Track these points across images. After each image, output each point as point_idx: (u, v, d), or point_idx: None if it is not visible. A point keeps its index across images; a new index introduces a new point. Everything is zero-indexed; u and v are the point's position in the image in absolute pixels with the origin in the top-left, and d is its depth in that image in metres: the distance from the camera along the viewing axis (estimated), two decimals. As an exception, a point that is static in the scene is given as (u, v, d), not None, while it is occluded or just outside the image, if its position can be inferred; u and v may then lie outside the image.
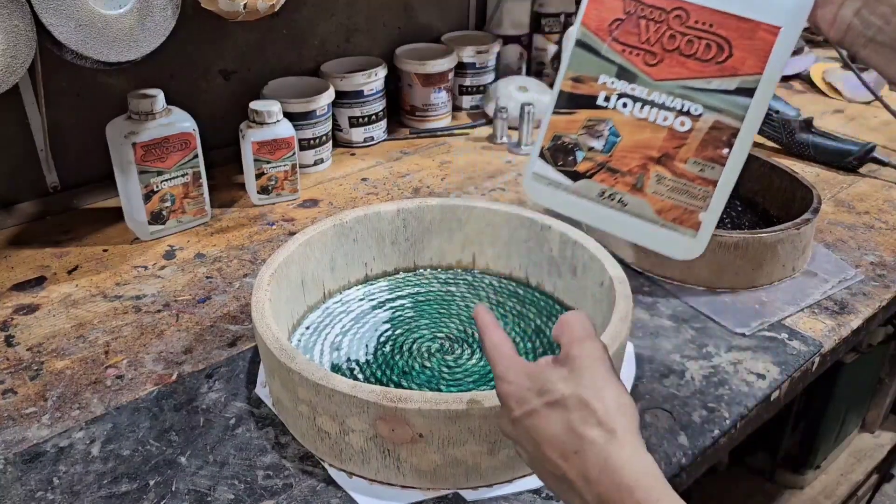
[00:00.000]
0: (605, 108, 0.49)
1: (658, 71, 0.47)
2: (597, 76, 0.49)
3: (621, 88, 0.49)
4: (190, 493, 0.54)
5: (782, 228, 0.76)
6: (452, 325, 0.71)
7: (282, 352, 0.55)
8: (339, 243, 0.73)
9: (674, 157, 0.48)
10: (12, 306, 0.76)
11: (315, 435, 0.56)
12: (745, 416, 0.62)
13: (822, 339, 0.71)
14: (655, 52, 0.47)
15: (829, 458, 1.37)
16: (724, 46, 0.46)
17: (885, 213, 0.94)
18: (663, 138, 0.48)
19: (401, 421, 0.51)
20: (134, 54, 0.78)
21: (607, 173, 0.50)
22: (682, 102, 0.47)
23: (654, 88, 0.48)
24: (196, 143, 0.86)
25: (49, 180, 0.93)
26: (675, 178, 0.48)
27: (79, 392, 0.64)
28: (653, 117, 0.48)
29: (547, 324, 0.71)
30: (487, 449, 0.52)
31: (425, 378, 0.65)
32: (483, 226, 0.76)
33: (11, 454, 0.58)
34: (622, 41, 0.48)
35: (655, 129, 0.48)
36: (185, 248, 0.86)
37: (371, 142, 1.14)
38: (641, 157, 0.49)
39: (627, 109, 0.49)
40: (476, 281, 0.77)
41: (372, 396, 0.51)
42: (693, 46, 0.46)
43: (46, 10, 0.70)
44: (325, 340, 0.69)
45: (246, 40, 1.04)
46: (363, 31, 1.17)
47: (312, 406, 0.54)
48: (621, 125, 0.49)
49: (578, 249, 0.69)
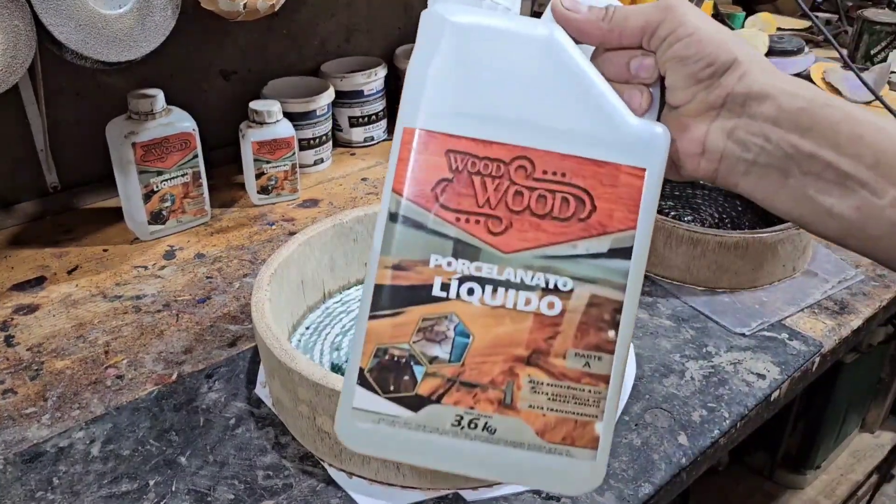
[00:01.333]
0: (445, 300, 0.35)
1: (507, 240, 0.35)
2: (426, 258, 0.35)
3: (463, 270, 0.35)
4: (190, 493, 0.54)
5: (782, 228, 0.76)
6: None
7: (282, 352, 0.55)
8: (339, 243, 0.73)
9: (548, 352, 0.35)
10: (12, 306, 0.76)
11: (315, 435, 0.56)
12: (745, 416, 0.62)
13: (822, 339, 0.71)
14: (500, 216, 0.36)
15: (829, 458, 1.37)
16: (583, 199, 0.36)
17: (885, 213, 0.94)
18: (529, 329, 0.35)
19: None
20: (134, 54, 0.78)
21: (462, 391, 0.35)
22: (544, 277, 0.35)
23: (505, 264, 0.35)
24: (196, 142, 0.86)
25: (49, 180, 0.93)
26: (555, 382, 0.35)
27: (79, 392, 0.64)
28: (511, 303, 0.35)
29: None
30: None
31: None
32: None
33: (11, 454, 0.58)
34: (454, 207, 0.35)
35: (517, 318, 0.35)
36: (184, 248, 0.86)
37: (371, 142, 1.14)
38: (505, 360, 0.35)
39: (475, 297, 0.35)
40: None
41: None
42: (546, 203, 0.36)
43: (46, 9, 0.70)
44: (325, 340, 0.69)
45: (246, 40, 1.04)
46: (363, 31, 1.17)
47: (312, 406, 0.54)
48: (470, 320, 0.35)
49: None
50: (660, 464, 0.57)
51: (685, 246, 0.76)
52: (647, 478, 0.56)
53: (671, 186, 0.96)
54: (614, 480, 0.55)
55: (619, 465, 0.57)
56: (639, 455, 0.58)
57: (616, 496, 0.54)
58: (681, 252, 0.76)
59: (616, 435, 0.59)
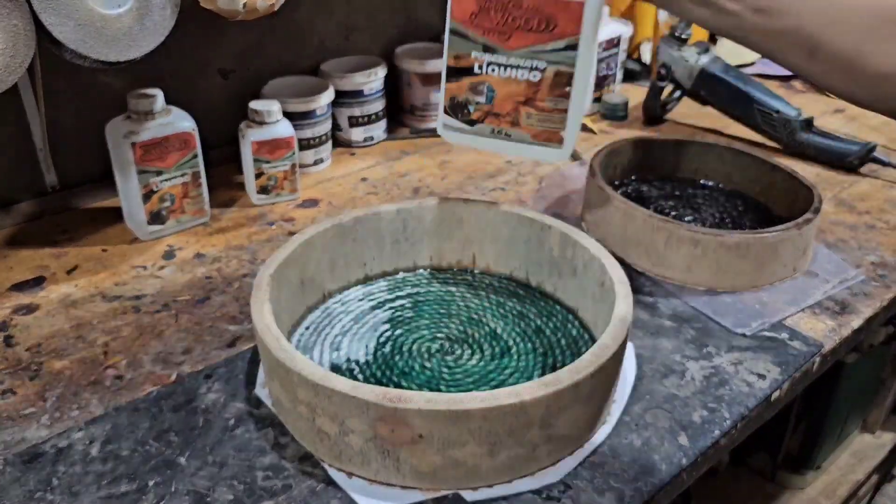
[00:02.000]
0: (481, 74, 0.68)
1: (510, 43, 0.66)
2: (469, 52, 0.68)
3: (488, 59, 0.67)
4: (189, 494, 0.54)
5: (783, 228, 0.76)
6: (453, 326, 0.71)
7: (281, 352, 0.54)
8: (339, 243, 0.72)
9: (534, 99, 0.68)
10: (11, 306, 0.76)
11: (315, 436, 0.56)
12: (746, 417, 0.62)
13: (823, 340, 0.70)
14: (505, 31, 0.65)
15: (829, 459, 1.37)
16: (550, 20, 0.64)
17: (886, 213, 0.94)
18: (524, 88, 0.68)
19: (401, 422, 0.50)
20: (133, 54, 0.77)
21: (493, 117, 0.70)
22: (531, 62, 0.66)
23: (510, 55, 0.66)
24: (195, 142, 0.86)
25: (48, 180, 0.93)
26: (539, 113, 0.69)
27: (78, 392, 0.64)
28: (514, 75, 0.67)
29: (547, 324, 0.71)
30: (488, 450, 0.52)
31: (425, 378, 0.64)
32: (483, 225, 0.75)
33: (10, 455, 0.57)
34: (481, 26, 0.66)
35: (518, 83, 0.67)
36: (184, 248, 0.86)
37: (371, 141, 1.14)
38: (513, 103, 0.69)
39: (496, 73, 0.68)
40: (476, 281, 0.77)
41: (372, 397, 0.50)
42: (530, 23, 0.64)
43: (45, 9, 0.70)
44: (325, 340, 0.69)
45: (245, 40, 1.04)
46: (363, 30, 1.17)
47: (312, 407, 0.54)
48: (495, 83, 0.68)
49: (579, 250, 0.69)
50: (660, 464, 0.57)
51: (686, 246, 0.76)
52: (648, 478, 0.55)
53: (672, 186, 0.96)
54: (614, 481, 0.55)
55: (620, 466, 0.56)
56: (639, 455, 0.57)
57: (616, 496, 0.54)
58: (681, 252, 0.76)
59: (616, 435, 0.59)
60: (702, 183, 0.97)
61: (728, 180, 0.96)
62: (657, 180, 0.98)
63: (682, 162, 0.98)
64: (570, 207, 0.93)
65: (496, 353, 0.67)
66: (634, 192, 0.95)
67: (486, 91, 0.69)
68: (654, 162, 0.98)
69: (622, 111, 1.24)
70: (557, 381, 0.52)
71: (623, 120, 1.24)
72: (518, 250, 0.75)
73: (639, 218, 0.78)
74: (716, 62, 1.12)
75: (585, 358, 0.54)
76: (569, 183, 0.99)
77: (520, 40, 0.65)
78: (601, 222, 0.83)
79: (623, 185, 0.96)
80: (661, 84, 1.18)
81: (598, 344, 0.56)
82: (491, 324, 0.71)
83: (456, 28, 0.67)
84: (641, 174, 0.98)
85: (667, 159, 0.98)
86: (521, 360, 0.66)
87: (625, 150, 0.95)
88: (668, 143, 0.97)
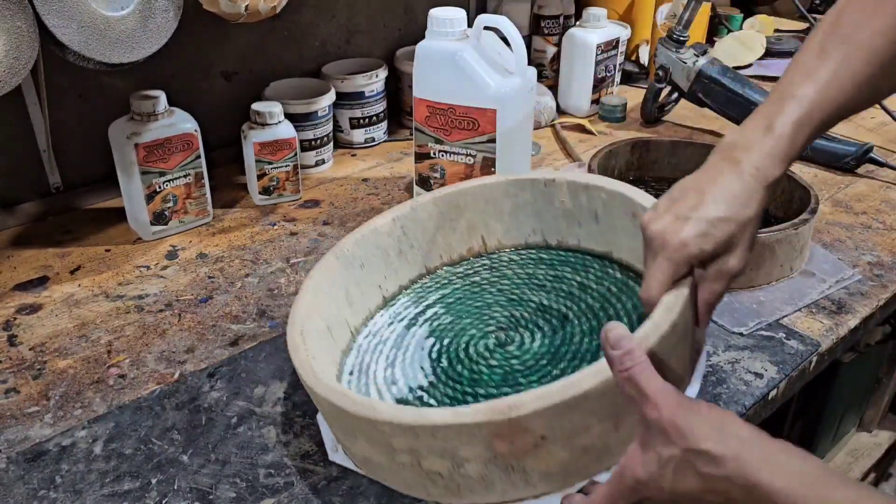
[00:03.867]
0: (435, 158, 0.90)
1: (451, 137, 0.88)
2: (427, 143, 0.90)
3: (438, 147, 0.89)
4: (192, 492, 0.54)
5: (780, 228, 0.76)
6: (497, 314, 0.66)
7: (358, 406, 0.48)
8: (348, 274, 0.67)
9: (471, 176, 0.88)
10: (15, 306, 0.76)
11: (424, 480, 0.50)
12: (743, 415, 0.63)
13: (819, 339, 0.71)
14: (447, 129, 0.87)
15: (826, 457, 1.38)
16: (475, 122, 0.85)
17: (882, 214, 0.94)
18: (464, 168, 0.89)
19: (519, 430, 0.45)
20: (136, 56, 0.78)
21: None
22: (465, 150, 0.88)
23: (452, 145, 0.88)
24: (198, 143, 0.87)
25: (51, 181, 0.93)
26: None
27: (81, 391, 0.65)
28: (456, 159, 0.89)
29: (587, 277, 0.67)
30: (613, 424, 0.47)
31: (499, 378, 0.59)
32: (483, 204, 0.72)
33: (14, 453, 0.58)
34: (432, 125, 0.88)
35: (459, 165, 0.89)
36: (187, 248, 0.87)
37: (372, 143, 1.15)
38: (458, 179, 0.89)
39: (444, 157, 0.89)
40: (495, 262, 0.73)
41: (481, 416, 0.45)
42: (462, 124, 0.86)
43: (49, 11, 0.71)
44: (377, 379, 0.62)
45: (247, 42, 1.05)
46: (364, 33, 1.18)
47: (414, 451, 0.48)
48: (445, 165, 0.90)
49: (593, 192, 0.65)
50: (658, 462, 0.57)
51: (683, 246, 0.76)
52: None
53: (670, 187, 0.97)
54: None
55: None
56: (637, 453, 0.58)
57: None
58: (679, 252, 0.76)
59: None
60: (700, 184, 0.98)
61: (726, 181, 0.96)
62: (655, 181, 0.98)
63: (679, 163, 0.98)
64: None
65: (556, 326, 0.63)
66: (633, 192, 0.95)
67: (440, 170, 0.90)
68: (652, 163, 0.98)
69: (620, 112, 1.25)
70: (656, 327, 0.47)
71: (621, 121, 1.25)
72: (526, 216, 0.72)
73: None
74: (713, 64, 1.13)
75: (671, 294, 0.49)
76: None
77: (456, 135, 0.87)
78: (600, 223, 0.84)
79: (622, 186, 0.97)
80: (658, 86, 1.18)
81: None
82: (534, 298, 0.67)
83: (418, 126, 0.89)
84: (639, 175, 0.99)
85: (664, 160, 0.98)
86: (583, 322, 0.62)
87: (623, 151, 0.96)
88: (665, 145, 0.98)
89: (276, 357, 0.68)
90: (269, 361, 0.68)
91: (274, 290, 0.79)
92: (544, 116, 1.21)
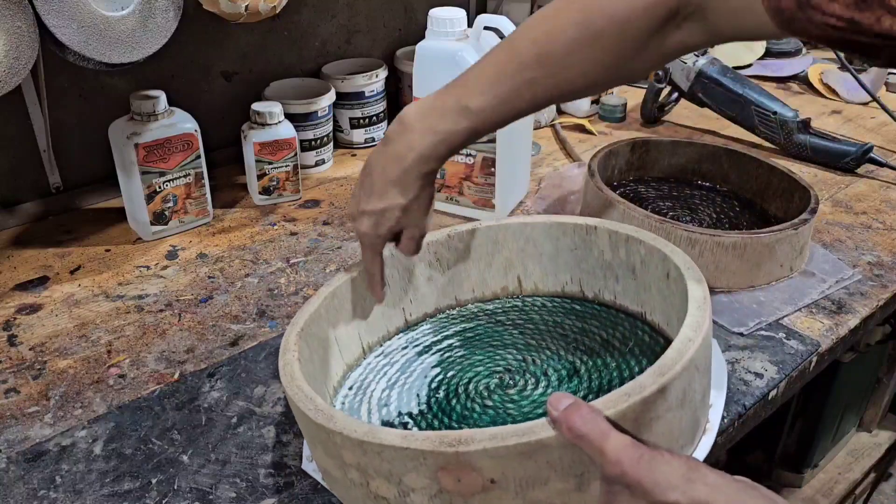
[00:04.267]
0: None
1: None
2: None
3: None
4: (192, 492, 0.54)
5: (780, 228, 0.76)
6: (509, 356, 0.63)
7: (317, 412, 0.47)
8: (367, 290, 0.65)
9: (471, 176, 0.91)
10: (15, 306, 0.76)
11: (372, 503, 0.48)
12: (743, 415, 0.63)
13: (819, 339, 0.71)
14: None
15: (826, 457, 1.38)
16: None
17: (882, 214, 0.94)
18: (464, 168, 0.91)
19: (466, 467, 0.43)
20: (136, 56, 0.78)
21: (446, 188, 0.94)
22: (466, 150, 0.87)
23: None
24: (198, 143, 0.87)
25: (52, 180, 0.94)
26: (475, 186, 0.92)
27: (81, 391, 0.65)
28: (457, 158, 0.89)
29: (614, 335, 0.64)
30: (576, 484, 0.44)
31: (489, 419, 0.57)
32: (522, 243, 0.69)
33: (14, 453, 0.58)
34: None
35: (459, 165, 0.91)
36: (187, 248, 0.87)
37: (372, 143, 1.15)
38: (458, 178, 0.92)
39: None
40: (527, 306, 0.70)
41: (427, 444, 0.43)
42: None
43: (49, 11, 0.71)
44: (372, 398, 0.61)
45: (247, 42, 1.05)
46: (364, 33, 1.18)
47: (363, 469, 0.46)
48: (446, 165, 0.74)
49: (633, 245, 0.62)
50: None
51: (683, 246, 0.76)
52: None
53: (669, 187, 0.97)
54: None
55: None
56: (637, 453, 0.58)
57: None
58: (679, 252, 0.76)
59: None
60: (699, 184, 0.98)
61: (725, 181, 0.96)
62: (655, 181, 0.98)
63: (679, 163, 0.98)
64: (569, 208, 0.93)
65: (563, 377, 0.60)
66: (632, 192, 0.95)
67: (440, 169, 0.79)
68: (652, 163, 0.98)
69: (620, 113, 1.25)
70: (641, 388, 0.44)
71: (621, 121, 1.25)
72: (565, 262, 0.68)
73: (637, 218, 0.78)
74: (713, 64, 1.13)
75: (668, 355, 0.46)
76: (567, 184, 0.99)
77: None
78: (600, 223, 0.84)
79: (621, 186, 0.97)
80: (658, 86, 1.19)
81: (679, 338, 0.48)
82: (552, 346, 0.64)
83: None
84: (639, 175, 0.99)
85: (664, 160, 0.98)
86: (594, 379, 0.59)
87: (623, 151, 0.96)
88: (665, 145, 0.98)
89: (276, 357, 0.68)
90: (269, 361, 0.68)
91: (274, 290, 0.79)
92: (544, 116, 1.21)
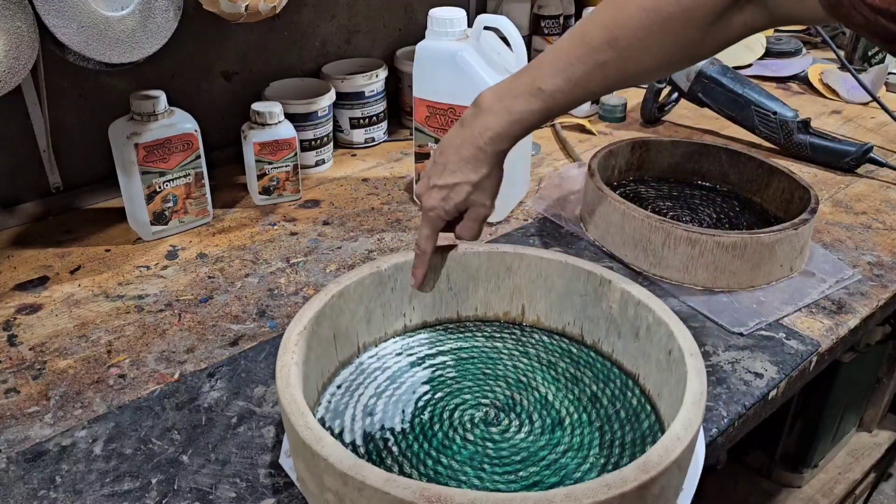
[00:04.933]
0: None
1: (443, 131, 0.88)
2: (427, 143, 0.91)
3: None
4: (192, 492, 0.54)
5: (780, 229, 0.76)
6: (498, 390, 0.64)
7: (308, 431, 0.48)
8: (377, 293, 0.66)
9: None
10: (15, 306, 0.76)
11: None
12: (743, 415, 0.63)
13: (819, 339, 0.71)
14: (445, 128, 0.88)
15: (826, 457, 1.38)
16: None
17: (882, 214, 0.95)
18: None
19: None
20: (136, 56, 0.78)
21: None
22: None
23: None
24: (198, 143, 0.87)
25: (51, 181, 0.94)
26: None
27: (81, 391, 0.65)
28: None
29: (604, 391, 0.63)
30: None
31: (467, 454, 0.57)
32: (534, 276, 0.69)
33: (14, 453, 0.58)
34: (432, 125, 0.89)
35: None
36: (187, 248, 0.87)
37: (372, 143, 1.15)
38: None
39: None
40: (525, 336, 0.70)
41: (407, 494, 0.43)
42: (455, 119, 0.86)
43: (49, 11, 0.71)
44: (358, 403, 0.62)
45: (247, 42, 1.05)
46: (364, 33, 1.18)
47: (340, 497, 0.47)
48: None
49: (642, 310, 0.61)
50: (658, 462, 0.57)
51: (683, 246, 0.76)
52: (646, 476, 0.56)
53: (669, 187, 0.97)
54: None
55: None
56: (637, 453, 0.58)
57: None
58: (679, 252, 0.77)
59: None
60: (699, 184, 0.98)
61: (725, 181, 0.97)
62: (655, 181, 0.98)
63: (679, 163, 0.98)
64: (569, 208, 0.93)
65: (547, 426, 0.60)
66: (632, 192, 0.95)
67: None
68: (652, 163, 0.99)
69: (620, 113, 1.25)
70: (623, 482, 0.44)
71: (621, 121, 1.25)
72: (572, 304, 0.68)
73: (637, 218, 0.78)
74: (713, 64, 1.13)
75: (655, 452, 0.46)
76: (567, 184, 0.99)
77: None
78: (600, 223, 0.84)
79: (621, 186, 0.97)
80: (658, 86, 1.19)
81: (668, 434, 0.48)
82: (541, 388, 0.64)
83: (418, 126, 0.90)
84: (639, 175, 0.99)
85: (664, 160, 0.98)
86: (577, 434, 0.59)
87: (623, 151, 0.96)
88: (665, 145, 0.98)
89: (276, 357, 0.68)
90: (269, 361, 0.68)
91: (274, 290, 0.79)
92: (544, 116, 1.21)
